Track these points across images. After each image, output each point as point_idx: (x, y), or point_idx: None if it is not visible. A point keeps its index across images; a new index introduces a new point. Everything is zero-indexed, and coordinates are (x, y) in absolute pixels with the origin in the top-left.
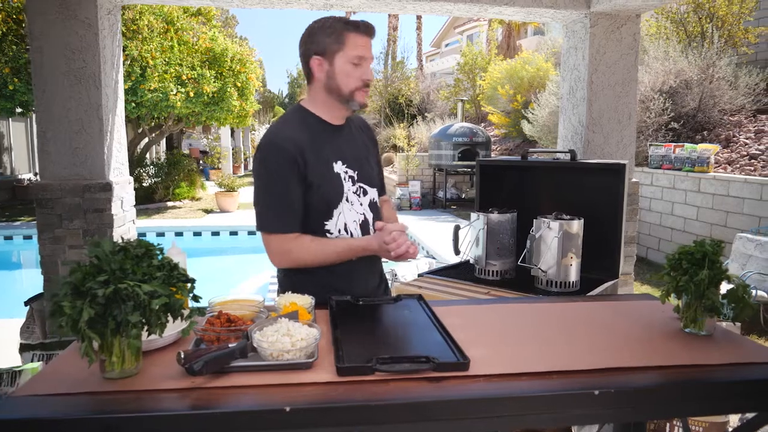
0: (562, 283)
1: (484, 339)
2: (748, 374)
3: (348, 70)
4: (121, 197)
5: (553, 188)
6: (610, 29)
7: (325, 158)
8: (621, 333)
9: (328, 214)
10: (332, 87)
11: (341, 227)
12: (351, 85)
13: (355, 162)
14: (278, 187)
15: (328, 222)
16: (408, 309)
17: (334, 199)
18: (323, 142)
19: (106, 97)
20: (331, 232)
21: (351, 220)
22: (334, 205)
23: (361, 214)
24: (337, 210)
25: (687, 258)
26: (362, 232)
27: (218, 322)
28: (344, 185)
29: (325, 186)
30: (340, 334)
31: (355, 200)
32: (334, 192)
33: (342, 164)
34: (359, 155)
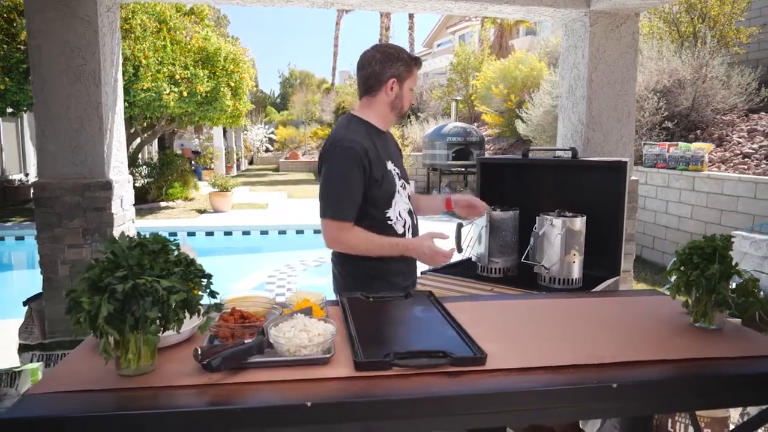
0: (565, 280)
1: (495, 334)
2: (760, 367)
3: (408, 94)
4: (121, 196)
5: (554, 186)
6: (610, 28)
7: (382, 158)
8: (630, 328)
9: (388, 204)
10: (396, 105)
11: (398, 214)
12: (407, 105)
13: (397, 162)
14: (341, 182)
15: (388, 210)
16: (419, 305)
17: (392, 191)
18: (378, 145)
19: (105, 95)
20: (390, 219)
21: (403, 209)
22: (392, 196)
23: (407, 204)
24: (393, 200)
25: (698, 253)
26: (410, 219)
27: (232, 319)
28: (395, 181)
29: (385, 181)
30: (354, 330)
31: (403, 193)
32: (391, 185)
33: (391, 163)
34: (397, 156)
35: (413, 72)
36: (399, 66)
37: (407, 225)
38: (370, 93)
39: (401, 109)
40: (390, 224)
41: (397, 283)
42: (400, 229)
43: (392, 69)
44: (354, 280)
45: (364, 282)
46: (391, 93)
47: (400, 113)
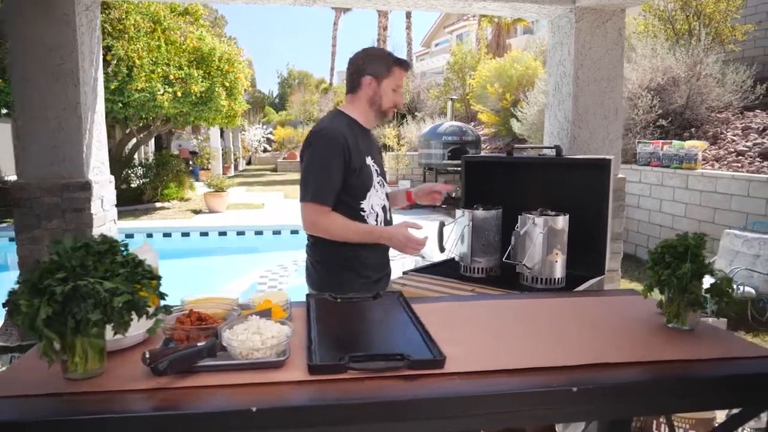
0: (548, 280)
1: (463, 336)
2: (731, 369)
3: (388, 93)
4: (101, 196)
5: (540, 184)
6: (596, 24)
7: (362, 152)
8: (603, 328)
9: (363, 195)
10: (375, 102)
11: (371, 206)
12: (388, 105)
13: (376, 159)
14: (322, 168)
15: (363, 202)
16: (387, 306)
17: (368, 183)
18: (360, 139)
19: (84, 95)
20: (364, 210)
21: (377, 204)
22: (368, 189)
23: (382, 200)
24: (369, 193)
25: (669, 252)
26: (384, 215)
27: (188, 321)
28: (372, 176)
29: (363, 173)
30: (315, 332)
31: (380, 188)
32: (368, 178)
33: (370, 159)
34: (378, 156)
35: (394, 72)
36: (378, 64)
37: (380, 219)
38: (352, 90)
39: (380, 106)
40: (363, 215)
41: (368, 276)
42: (373, 222)
43: (371, 67)
44: (326, 270)
45: (335, 273)
46: (369, 90)
47: (380, 111)
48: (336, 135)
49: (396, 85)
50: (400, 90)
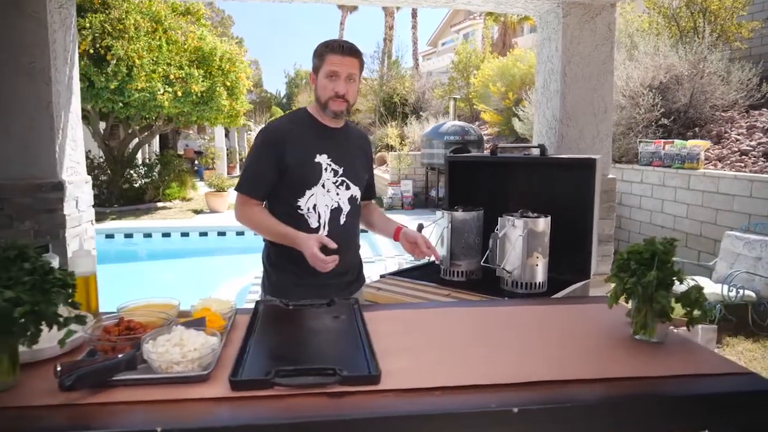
0: (528, 284)
1: (413, 348)
2: (697, 388)
3: (325, 83)
4: (76, 197)
5: (525, 185)
6: (584, 19)
7: (309, 148)
8: (567, 340)
9: (301, 192)
10: (317, 96)
11: (311, 206)
12: (326, 96)
13: (342, 159)
14: (251, 160)
15: (300, 199)
16: (337, 314)
17: (311, 181)
18: (309, 136)
19: (57, 93)
20: (301, 209)
21: (323, 204)
22: (308, 187)
23: (335, 201)
24: (310, 191)
25: (635, 258)
26: (331, 216)
27: (116, 330)
28: (323, 174)
29: (301, 169)
30: (251, 343)
31: (333, 189)
32: (310, 176)
33: (326, 157)
34: (348, 157)
35: (325, 58)
36: (314, 58)
37: (323, 220)
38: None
39: (319, 99)
40: (301, 214)
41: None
42: (314, 223)
43: (312, 63)
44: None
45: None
46: (313, 85)
47: (321, 104)
48: (273, 129)
49: (330, 71)
50: (339, 76)
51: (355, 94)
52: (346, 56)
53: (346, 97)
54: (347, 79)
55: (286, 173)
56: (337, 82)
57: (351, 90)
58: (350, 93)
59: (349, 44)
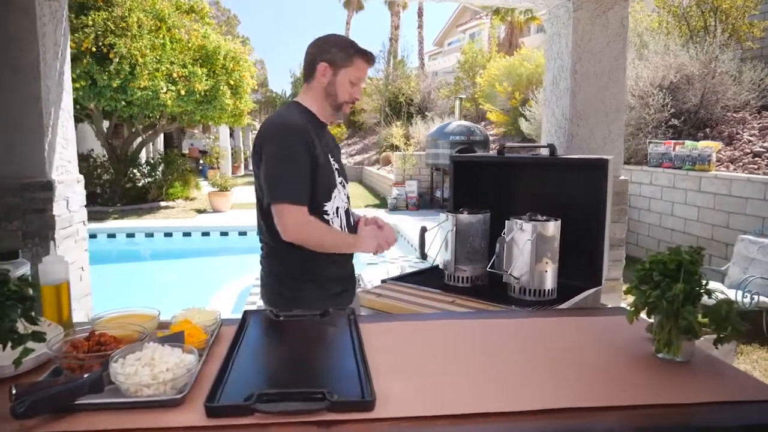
0: (537, 291)
1: (412, 366)
2: (736, 417)
3: (347, 86)
4: (66, 197)
5: (533, 186)
6: (596, 14)
7: (324, 147)
8: (583, 359)
9: (328, 196)
10: (330, 93)
11: (335, 209)
12: (344, 98)
13: (337, 157)
14: (292, 162)
15: (327, 204)
16: (331, 327)
17: (332, 183)
18: (319, 135)
19: (47, 89)
20: (328, 213)
21: (341, 206)
22: (332, 189)
23: (345, 203)
24: (333, 194)
25: (659, 268)
26: (346, 219)
27: (85, 346)
28: (335, 175)
29: (326, 170)
30: (233, 360)
31: (342, 190)
32: (332, 177)
33: (330, 157)
34: (338, 153)
35: (353, 62)
36: (335, 52)
37: (342, 224)
38: (307, 79)
39: (335, 98)
40: (327, 219)
41: (329, 288)
42: (337, 227)
43: (327, 54)
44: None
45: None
46: (324, 79)
47: (335, 104)
48: (299, 125)
49: (356, 78)
50: (360, 84)
51: None
52: (371, 66)
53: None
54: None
55: (317, 173)
56: (358, 89)
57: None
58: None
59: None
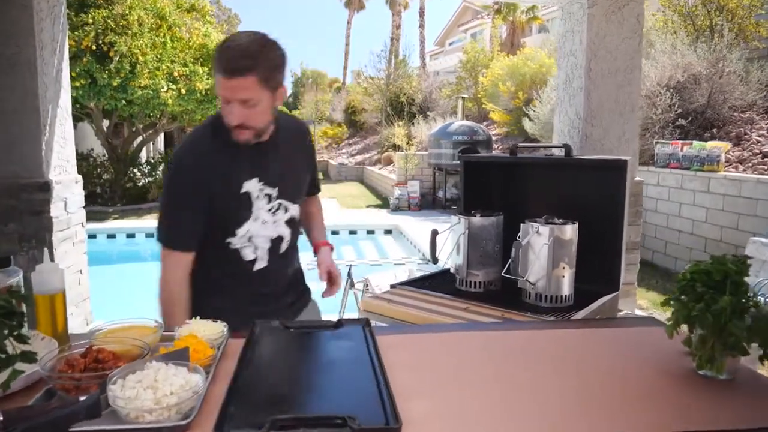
0: (554, 297)
1: (437, 386)
2: None
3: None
4: (65, 198)
5: (547, 188)
6: (611, 10)
7: (235, 177)
8: (617, 377)
9: (230, 232)
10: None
11: (247, 240)
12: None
13: (276, 178)
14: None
15: (231, 239)
16: (346, 340)
17: (239, 219)
18: (236, 159)
19: (44, 86)
20: (233, 244)
21: (261, 236)
22: (238, 226)
23: (275, 232)
24: (241, 230)
25: (702, 279)
26: (273, 248)
27: (81, 363)
28: (255, 204)
29: (226, 206)
30: (241, 379)
31: (269, 218)
32: (239, 212)
33: (258, 181)
34: (284, 169)
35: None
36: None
37: (260, 254)
38: None
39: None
40: (234, 249)
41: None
42: (250, 255)
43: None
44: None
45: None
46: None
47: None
48: (197, 164)
49: (222, 98)
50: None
51: (261, 117)
52: (233, 78)
53: (246, 126)
54: (243, 104)
55: (217, 211)
56: (228, 110)
57: (252, 115)
58: (252, 119)
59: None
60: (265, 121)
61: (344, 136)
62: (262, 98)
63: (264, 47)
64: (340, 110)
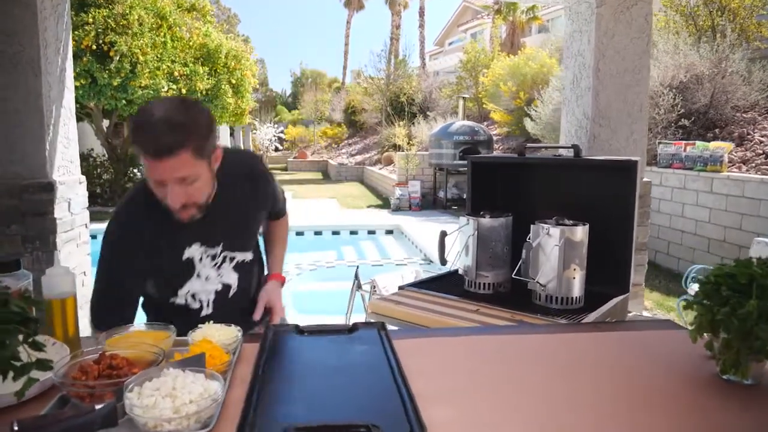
0: (564, 299)
1: (454, 390)
2: None
3: (154, 186)
4: (68, 199)
5: (555, 189)
6: (620, 10)
7: (174, 245)
8: (636, 382)
9: (172, 293)
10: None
11: (189, 296)
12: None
13: (219, 235)
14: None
15: (173, 298)
16: (363, 344)
17: (178, 282)
18: (170, 227)
19: (47, 85)
20: (177, 302)
21: (204, 291)
22: (180, 286)
23: (219, 284)
24: (183, 290)
25: (727, 283)
26: (217, 297)
27: (95, 370)
28: (197, 267)
29: (168, 272)
30: (260, 386)
31: (213, 274)
32: (178, 278)
33: (199, 245)
34: (231, 223)
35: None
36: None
37: (205, 303)
38: None
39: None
40: (179, 305)
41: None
42: (195, 305)
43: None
44: None
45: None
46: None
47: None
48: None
49: (152, 180)
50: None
51: (203, 190)
52: (162, 160)
53: (189, 204)
54: (180, 183)
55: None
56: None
57: (194, 192)
58: (194, 195)
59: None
60: (208, 192)
61: (344, 136)
62: (200, 172)
63: (188, 113)
64: (340, 110)
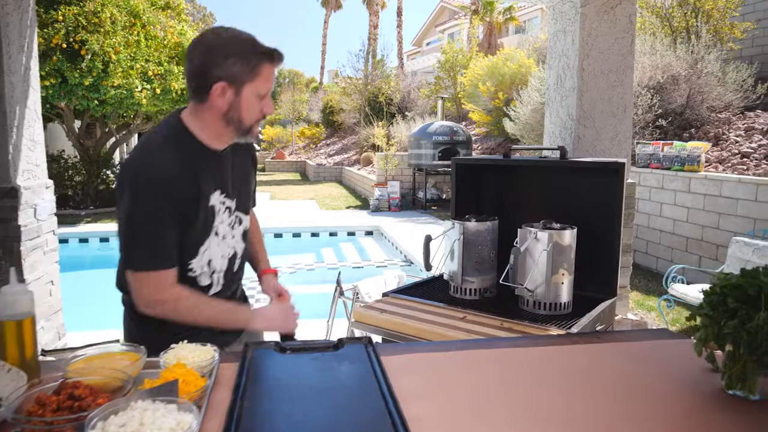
0: (552, 305)
1: (447, 412)
2: None
3: (252, 103)
4: (34, 204)
5: (541, 191)
6: (603, 9)
7: (203, 190)
8: (638, 396)
9: (194, 251)
10: (233, 118)
11: (204, 264)
12: (253, 118)
13: (234, 190)
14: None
15: (192, 261)
16: (349, 363)
17: (202, 235)
18: (202, 170)
19: (10, 86)
20: (193, 270)
21: (219, 255)
22: (201, 243)
23: (231, 247)
24: (203, 247)
25: (734, 294)
26: (228, 266)
27: (55, 402)
28: (216, 218)
29: (196, 222)
30: (237, 414)
31: (228, 233)
32: (203, 228)
33: (220, 194)
34: (239, 180)
35: (261, 71)
36: (233, 63)
37: (216, 277)
38: (195, 98)
39: (240, 123)
40: (191, 277)
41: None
42: (205, 281)
43: (222, 68)
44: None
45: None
46: (222, 102)
47: (241, 129)
48: (165, 178)
49: (265, 89)
50: (269, 94)
51: None
52: (276, 66)
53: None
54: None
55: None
56: (268, 101)
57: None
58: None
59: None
60: None
61: (322, 136)
62: None
63: None
64: (318, 110)
